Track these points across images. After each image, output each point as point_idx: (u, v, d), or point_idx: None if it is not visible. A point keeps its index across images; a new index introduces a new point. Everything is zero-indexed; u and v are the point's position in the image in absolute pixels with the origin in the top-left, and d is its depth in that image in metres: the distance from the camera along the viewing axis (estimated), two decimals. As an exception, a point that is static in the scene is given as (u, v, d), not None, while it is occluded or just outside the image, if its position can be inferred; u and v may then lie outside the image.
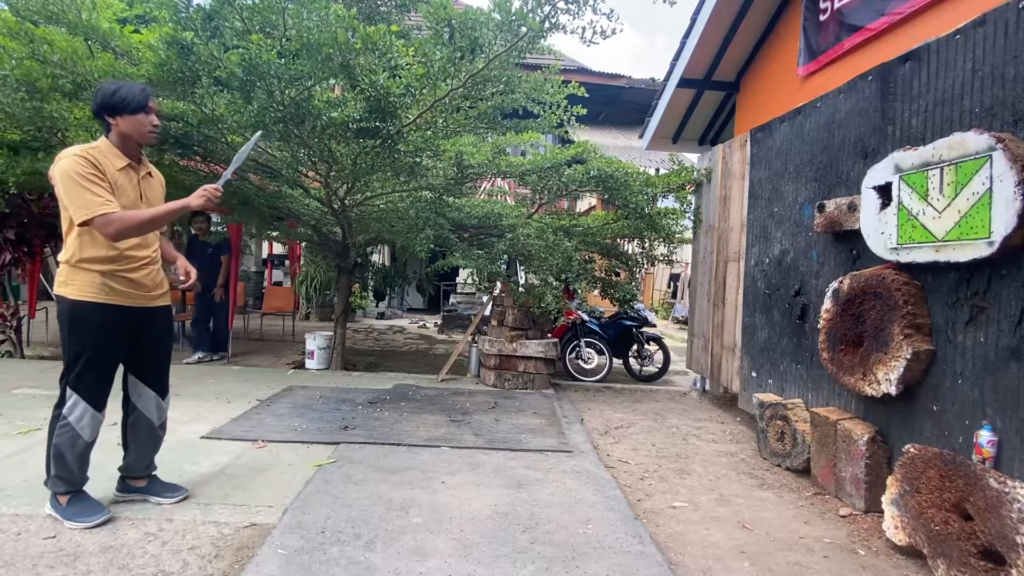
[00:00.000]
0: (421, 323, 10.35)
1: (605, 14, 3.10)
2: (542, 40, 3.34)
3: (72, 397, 2.00)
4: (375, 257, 10.45)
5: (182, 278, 2.26)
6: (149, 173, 2.16)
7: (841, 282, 2.64)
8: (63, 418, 2.00)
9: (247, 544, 1.96)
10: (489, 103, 4.36)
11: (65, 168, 1.88)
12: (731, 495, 2.65)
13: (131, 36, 3.48)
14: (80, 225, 1.90)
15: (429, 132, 3.85)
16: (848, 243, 2.77)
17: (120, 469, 2.29)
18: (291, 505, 2.26)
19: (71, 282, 1.99)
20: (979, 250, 1.96)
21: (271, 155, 4.21)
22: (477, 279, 4.97)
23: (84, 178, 1.87)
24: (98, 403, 2.06)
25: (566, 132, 6.25)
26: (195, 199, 2.00)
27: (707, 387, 4.99)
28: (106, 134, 2.03)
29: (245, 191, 4.57)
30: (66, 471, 2.04)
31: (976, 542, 1.83)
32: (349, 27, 3.06)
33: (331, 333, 5.33)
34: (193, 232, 5.52)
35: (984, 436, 1.93)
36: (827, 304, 2.71)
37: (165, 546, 1.92)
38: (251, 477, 2.56)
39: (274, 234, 6.75)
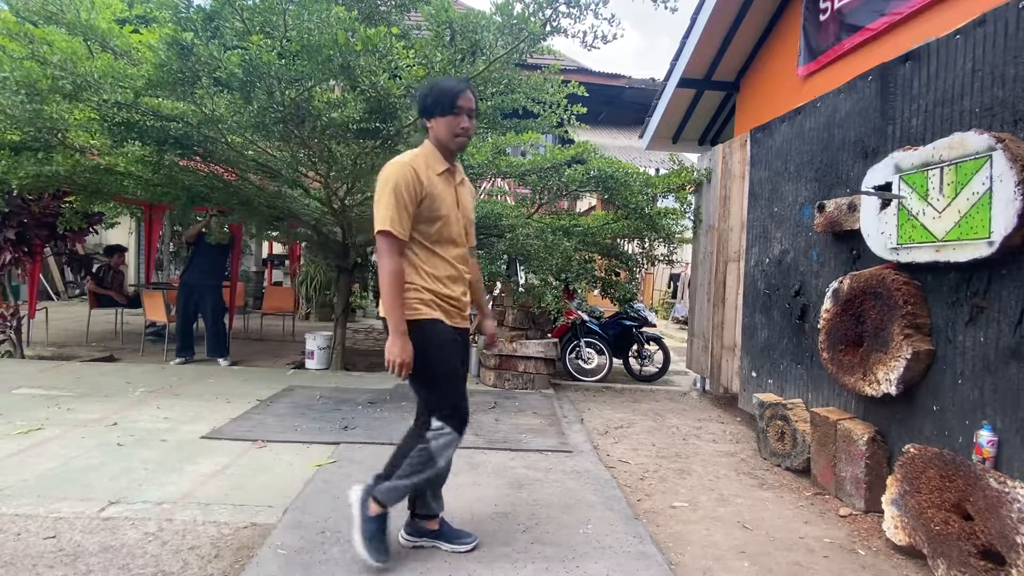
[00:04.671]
0: (421, 323, 10.33)
1: (606, 19, 3.10)
2: (543, 41, 3.35)
3: (438, 422, 1.82)
4: (375, 257, 10.44)
5: (487, 346, 2.26)
6: (462, 181, 1.97)
7: (841, 282, 2.64)
8: (426, 441, 1.81)
9: (247, 544, 1.96)
10: (489, 103, 4.36)
11: (389, 176, 1.75)
12: (731, 495, 2.65)
13: (131, 36, 3.48)
14: (377, 233, 1.74)
15: (429, 133, 3.85)
16: (848, 243, 2.77)
17: (412, 506, 1.98)
18: (291, 505, 2.26)
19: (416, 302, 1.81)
20: (979, 250, 1.96)
21: (271, 155, 4.21)
22: (478, 280, 4.96)
23: (397, 196, 1.73)
24: (461, 428, 1.87)
25: (566, 132, 6.25)
26: (402, 353, 1.75)
27: (707, 387, 4.99)
28: (429, 138, 1.89)
29: (245, 191, 4.57)
30: (405, 494, 1.86)
31: (976, 542, 1.83)
32: (349, 28, 3.06)
33: (331, 333, 5.33)
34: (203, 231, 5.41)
35: (984, 436, 1.93)
36: (827, 304, 2.71)
37: (165, 546, 1.92)
38: (251, 477, 2.56)
39: (274, 234, 6.76)
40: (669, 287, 13.23)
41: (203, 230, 5.27)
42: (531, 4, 3.13)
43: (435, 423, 1.82)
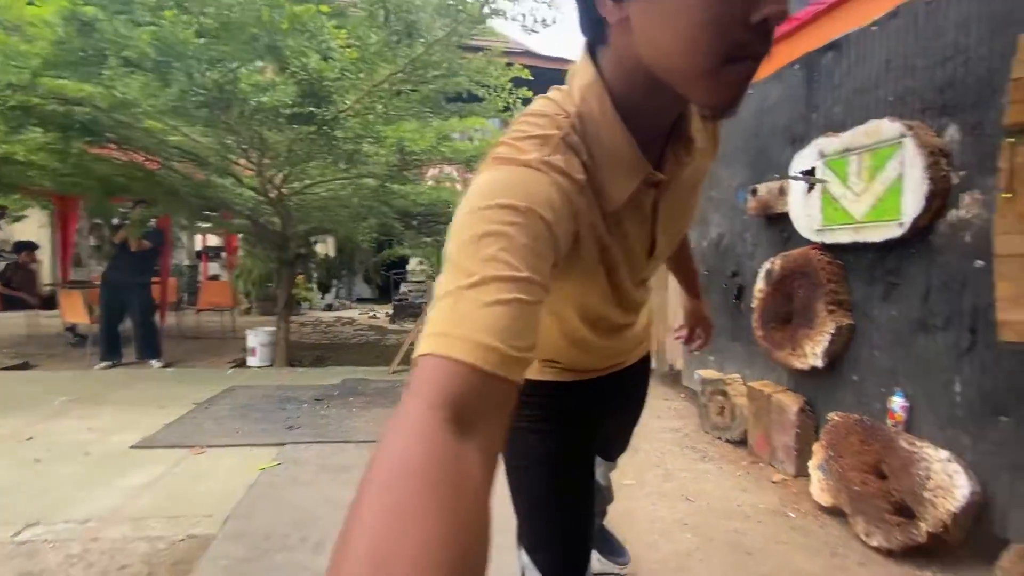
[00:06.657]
0: (371, 313, 10.12)
1: (545, 2, 3.07)
2: (482, 24, 3.27)
3: (524, 557, 1.06)
4: (320, 248, 10.07)
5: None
6: (676, 180, 0.71)
7: (773, 263, 2.78)
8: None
9: (183, 559, 1.86)
10: (431, 87, 4.24)
11: (458, 212, 0.59)
12: (676, 469, 2.76)
13: (24, 8, 3.11)
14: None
15: (370, 117, 3.71)
16: (779, 226, 2.90)
17: None
18: (233, 512, 2.17)
19: None
20: (892, 231, 2.10)
21: (196, 141, 3.93)
22: (428, 267, 4.89)
23: (474, 244, 0.55)
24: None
25: (513, 116, 6.19)
26: None
27: (653, 366, 5.16)
28: (597, 70, 0.61)
29: (170, 181, 4.25)
30: None
31: (890, 499, 2.00)
32: (275, 5, 2.87)
33: (274, 328, 5.12)
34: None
35: (897, 402, 2.10)
36: (760, 284, 2.84)
37: (91, 568, 1.79)
38: (188, 486, 2.43)
39: (206, 226, 6.36)
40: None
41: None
42: (468, -15, 3.06)
43: (522, 557, 1.04)
